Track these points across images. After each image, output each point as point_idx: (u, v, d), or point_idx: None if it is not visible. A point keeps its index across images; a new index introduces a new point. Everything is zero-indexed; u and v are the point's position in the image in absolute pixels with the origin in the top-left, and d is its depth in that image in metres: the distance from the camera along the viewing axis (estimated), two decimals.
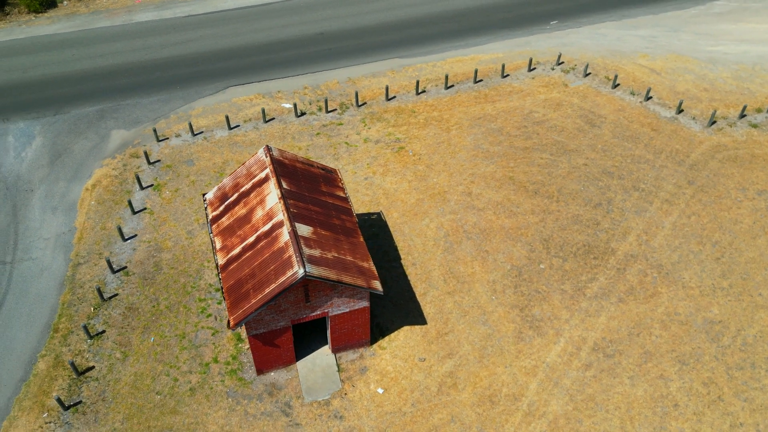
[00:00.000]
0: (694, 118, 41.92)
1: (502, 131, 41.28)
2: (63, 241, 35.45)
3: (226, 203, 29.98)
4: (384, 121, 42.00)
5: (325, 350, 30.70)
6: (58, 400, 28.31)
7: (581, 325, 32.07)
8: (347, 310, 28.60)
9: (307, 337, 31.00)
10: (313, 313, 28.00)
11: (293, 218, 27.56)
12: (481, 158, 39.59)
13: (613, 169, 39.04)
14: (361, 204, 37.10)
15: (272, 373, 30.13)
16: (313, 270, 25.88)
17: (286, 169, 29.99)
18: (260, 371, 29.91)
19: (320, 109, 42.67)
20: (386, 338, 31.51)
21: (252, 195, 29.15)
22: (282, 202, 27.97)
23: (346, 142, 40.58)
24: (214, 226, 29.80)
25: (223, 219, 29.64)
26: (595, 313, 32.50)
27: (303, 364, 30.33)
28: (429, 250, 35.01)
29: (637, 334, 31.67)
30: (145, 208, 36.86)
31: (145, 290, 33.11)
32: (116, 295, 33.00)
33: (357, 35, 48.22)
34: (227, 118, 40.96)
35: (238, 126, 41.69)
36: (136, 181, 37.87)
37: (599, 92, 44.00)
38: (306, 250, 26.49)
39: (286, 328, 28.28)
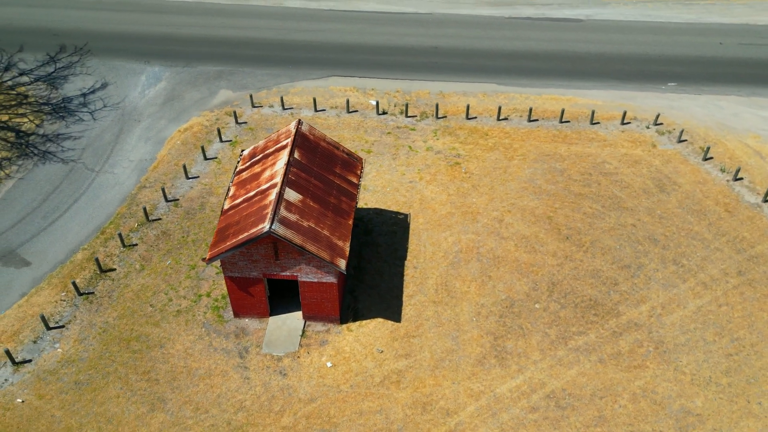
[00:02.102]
0: None
1: (564, 173, 40.91)
2: (142, 166, 41.58)
3: (251, 161, 33.74)
4: (454, 136, 43.48)
5: (299, 315, 33.21)
6: (74, 285, 33.81)
7: (548, 370, 31.41)
8: (315, 280, 30.92)
9: (288, 300, 33.72)
10: (283, 273, 30.70)
11: (286, 183, 30.51)
12: (530, 192, 39.66)
13: (660, 237, 37.17)
14: (394, 203, 39.07)
15: (246, 320, 33.30)
16: (279, 229, 28.61)
17: (307, 143, 33.03)
18: (236, 314, 33.21)
19: (401, 112, 45.19)
20: (357, 323, 33.28)
21: (270, 158, 32.58)
22: (285, 168, 31.04)
23: (410, 146, 42.70)
24: (235, 177, 33.70)
25: (243, 173, 33.43)
26: (568, 365, 31.62)
27: (274, 321, 33.14)
28: (436, 259, 36.09)
29: (601, 398, 30.37)
30: (215, 157, 41.94)
31: (183, 222, 37.96)
32: (159, 219, 38.21)
33: (467, 55, 49.99)
34: (314, 100, 45.00)
35: (324, 110, 45.54)
36: (217, 134, 43.14)
37: (686, 161, 41.76)
38: (282, 212, 29.30)
39: (258, 280, 31.27)
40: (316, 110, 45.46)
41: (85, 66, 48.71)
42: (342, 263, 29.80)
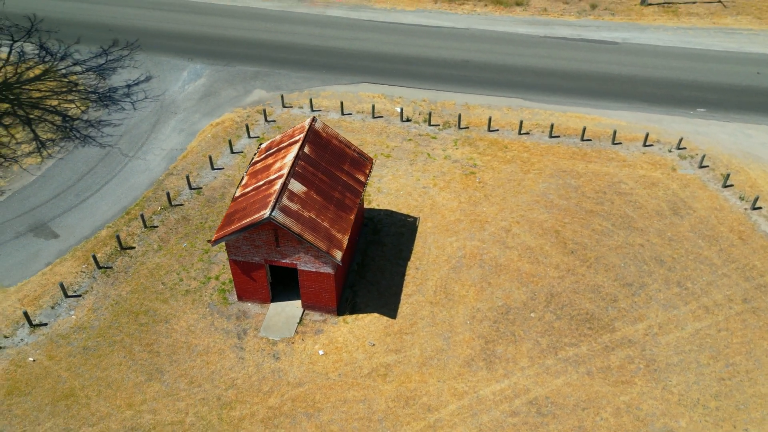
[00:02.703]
0: None
1: (578, 189, 41.19)
2: (172, 155, 43.90)
3: (266, 153, 35.43)
4: (474, 146, 44.30)
5: (298, 303, 34.53)
6: (94, 258, 36.06)
7: (534, 377, 31.75)
8: (313, 270, 32.21)
9: (290, 288, 35.09)
10: (284, 260, 32.11)
11: (293, 175, 32.00)
12: (541, 205, 40.09)
13: (668, 258, 37.02)
14: (405, 206, 40.12)
15: (249, 304, 34.83)
16: (279, 216, 30.06)
17: (319, 139, 34.51)
18: (240, 298, 34.77)
19: (425, 121, 46.30)
20: (354, 316, 34.37)
21: (282, 151, 34.19)
22: (293, 161, 32.56)
23: (429, 154, 43.74)
24: (250, 167, 35.44)
25: (258, 164, 35.12)
26: (555, 374, 31.88)
27: (274, 307, 34.55)
28: (438, 262, 36.90)
29: (583, 409, 30.52)
30: (241, 151, 43.91)
31: (203, 209, 39.92)
32: (181, 205, 40.28)
33: (497, 70, 50.81)
34: (341, 104, 46.59)
35: (350, 114, 47.07)
36: (246, 130, 45.15)
37: (705, 186, 41.42)
38: (285, 201, 30.76)
39: (260, 265, 32.77)
40: (342, 113, 47.01)
41: (133, 60, 51.69)
42: (338, 254, 30.99)
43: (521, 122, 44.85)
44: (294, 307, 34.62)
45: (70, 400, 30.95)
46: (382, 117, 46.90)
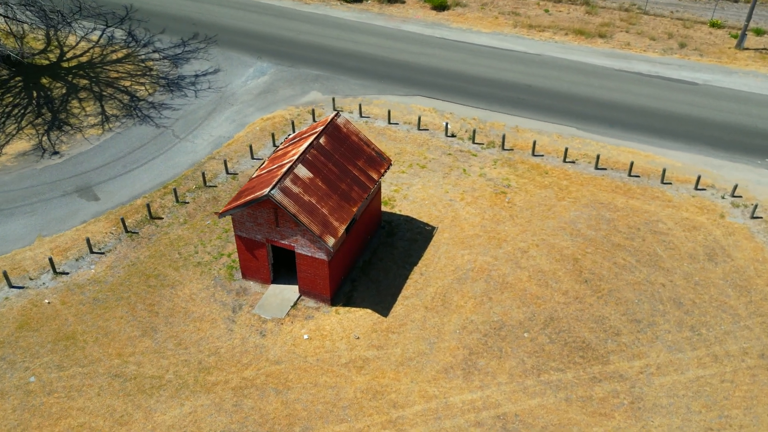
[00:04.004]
0: None
1: (611, 222, 42.03)
2: (219, 141, 48.81)
3: (290, 142, 39.22)
4: (513, 168, 46.15)
5: (296, 289, 37.68)
6: (123, 222, 41.01)
7: (509, 394, 32.99)
8: (309, 254, 35.33)
9: (292, 273, 38.31)
10: (283, 241, 35.48)
11: (301, 161, 35.49)
12: (566, 233, 41.27)
13: (687, 302, 37.14)
14: (426, 215, 42.54)
15: (251, 282, 38.39)
16: (277, 195, 33.52)
17: (338, 133, 37.89)
18: (244, 275, 38.42)
19: (469, 138, 48.71)
20: (347, 308, 37.05)
21: (302, 141, 37.84)
22: (306, 149, 36.07)
23: (464, 169, 46.04)
24: (272, 154, 39.31)
25: (279, 151, 38.97)
26: (531, 395, 32.97)
27: (273, 288, 37.89)
28: (444, 272, 38.96)
29: None
30: None
31: (233, 192, 44.21)
32: (215, 186, 44.81)
33: (558, 98, 52.46)
34: (389, 113, 49.94)
35: (396, 124, 50.31)
36: (292, 126, 49.38)
37: (752, 237, 41.03)
38: (286, 183, 34.21)
39: (262, 244, 36.30)
40: (389, 122, 50.33)
41: (207, 53, 57.71)
42: (330, 240, 33.94)
43: (566, 150, 46.23)
44: (291, 291, 37.75)
45: (69, 341, 35.49)
46: (427, 130, 49.74)
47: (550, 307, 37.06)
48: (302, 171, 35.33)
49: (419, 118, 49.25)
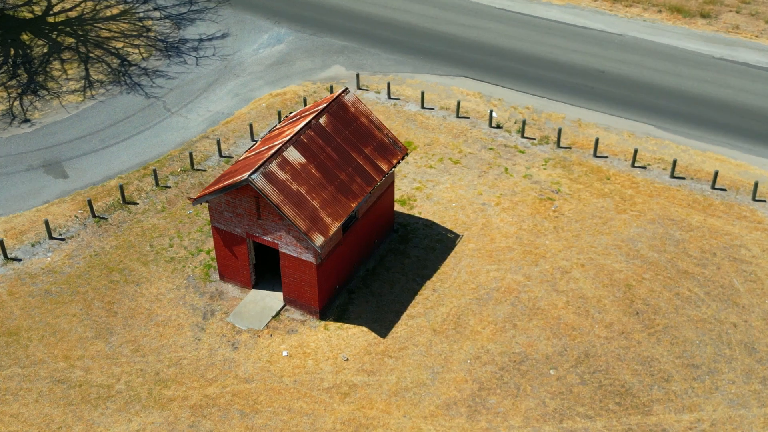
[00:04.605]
0: None
1: (680, 244, 42.17)
2: (216, 117, 51.00)
3: (289, 121, 40.92)
4: (567, 170, 46.72)
5: (281, 296, 39.20)
6: (90, 206, 43.41)
7: None
8: (295, 255, 36.82)
9: (279, 278, 39.88)
10: (265, 237, 37.10)
11: (294, 143, 37.08)
12: (622, 253, 41.62)
13: (763, 348, 37.05)
14: (452, 220, 43.54)
15: (230, 285, 40.12)
16: (259, 181, 35.16)
17: (343, 113, 39.37)
18: (222, 276, 40.20)
19: (518, 131, 49.52)
20: (338, 324, 38.37)
21: (300, 120, 39.47)
22: (301, 129, 37.65)
23: (506, 168, 46.88)
24: (267, 134, 41.08)
25: (275, 131, 40.71)
26: None
27: (254, 294, 39.53)
28: (463, 290, 39.89)
29: None
30: None
31: None
32: (204, 170, 46.93)
33: (636, 88, 52.73)
34: (422, 95, 51.20)
35: (431, 109, 51.52)
36: (303, 104, 51.18)
37: None
38: (272, 167, 35.83)
39: (242, 239, 38.00)
40: (422, 106, 51.59)
41: (216, 14, 60.24)
42: (318, 239, 35.35)
43: (635, 151, 46.51)
44: (275, 299, 39.29)
45: (11, 337, 37.89)
46: (467, 118, 50.77)
47: (587, 341, 37.48)
48: (293, 154, 36.90)
49: (458, 104, 50.32)
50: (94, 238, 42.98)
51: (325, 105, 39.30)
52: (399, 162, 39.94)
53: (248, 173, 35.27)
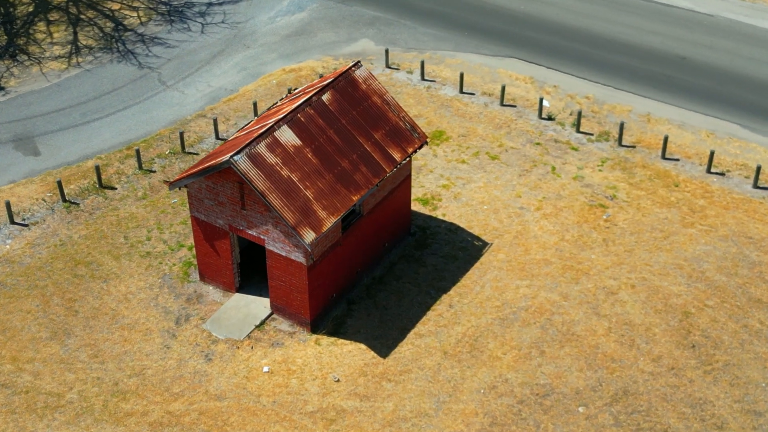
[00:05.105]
0: None
1: (755, 267, 41.93)
2: (217, 94, 52.40)
3: (292, 97, 41.91)
4: (627, 173, 46.77)
5: (267, 303, 40.11)
6: (60, 188, 44.99)
7: None
8: (283, 253, 37.67)
9: (265, 283, 40.82)
10: (250, 231, 38.06)
11: (288, 121, 37.98)
12: (682, 274, 41.54)
13: None
14: (480, 225, 43.99)
15: (211, 288, 41.20)
16: (242, 164, 36.12)
17: (352, 90, 40.18)
18: (202, 276, 41.33)
19: (572, 124, 49.73)
20: (332, 338, 39.12)
21: (302, 96, 40.41)
22: (298, 106, 38.55)
23: (554, 167, 47.15)
24: (266, 111, 42.15)
25: (273, 108, 41.73)
26: None
27: (238, 299, 40.55)
28: (484, 307, 40.28)
29: None
30: None
31: None
32: (196, 154, 48.27)
33: (724, 80, 52.56)
34: (461, 77, 51.80)
35: (471, 94, 52.09)
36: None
37: None
38: (259, 148, 36.78)
39: (224, 233, 39.02)
40: (461, 91, 52.18)
41: None
42: (308, 235, 36.12)
43: (711, 154, 46.32)
44: (261, 305, 40.19)
45: None
46: (513, 106, 51.19)
47: (627, 376, 37.45)
48: (286, 135, 37.79)
49: (503, 89, 50.75)
50: (61, 225, 44.49)
51: (331, 80, 40.14)
52: (415, 151, 40.54)
53: (231, 154, 36.25)
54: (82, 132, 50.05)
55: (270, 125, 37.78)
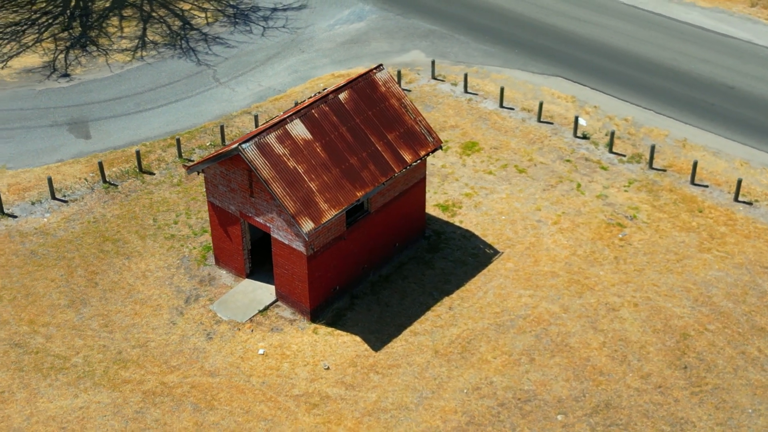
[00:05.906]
0: None
1: (764, 297, 41.60)
2: (265, 93, 54.43)
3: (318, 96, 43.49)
4: (653, 195, 46.77)
5: (273, 290, 41.60)
6: (101, 170, 47.50)
7: None
8: (286, 242, 39.11)
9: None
10: (258, 218, 39.65)
11: (301, 116, 39.50)
12: (688, 298, 41.40)
13: None
14: (495, 234, 44.63)
15: (224, 272, 42.91)
16: (249, 151, 37.76)
17: (371, 92, 41.47)
18: (217, 261, 43.10)
19: (606, 145, 49.92)
20: (330, 328, 40.33)
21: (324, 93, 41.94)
22: (313, 102, 40.05)
23: (579, 184, 47.45)
24: (295, 106, 43.82)
25: (298, 105, 43.33)
26: None
27: (246, 284, 42.17)
28: (483, 312, 40.91)
29: None
30: None
31: None
32: None
33: (766, 110, 52.08)
34: (502, 91, 52.56)
35: (511, 109, 52.78)
36: None
37: None
38: (269, 138, 38.37)
39: (236, 219, 40.70)
40: (501, 105, 52.90)
41: None
42: (307, 224, 37.47)
43: (739, 182, 45.93)
44: (267, 292, 41.69)
45: None
46: (551, 123, 51.66)
47: (612, 390, 37.54)
48: (298, 128, 39.27)
49: (540, 105, 51.29)
50: (98, 204, 46.94)
51: (351, 80, 41.50)
52: (428, 154, 41.51)
53: (240, 141, 37.93)
54: (132, 120, 52.61)
55: (283, 118, 39.35)
